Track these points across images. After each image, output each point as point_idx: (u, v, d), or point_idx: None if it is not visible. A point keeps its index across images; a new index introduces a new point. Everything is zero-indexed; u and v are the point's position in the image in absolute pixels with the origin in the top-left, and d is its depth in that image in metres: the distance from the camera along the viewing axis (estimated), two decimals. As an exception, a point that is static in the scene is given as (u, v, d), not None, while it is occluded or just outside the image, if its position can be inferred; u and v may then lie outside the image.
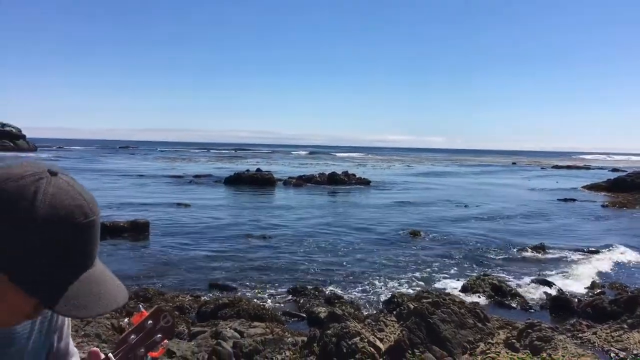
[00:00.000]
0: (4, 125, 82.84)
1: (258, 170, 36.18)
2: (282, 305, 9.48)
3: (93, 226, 1.05)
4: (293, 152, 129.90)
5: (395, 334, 4.51)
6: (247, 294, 9.92)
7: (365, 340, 4.22)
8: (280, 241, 15.14)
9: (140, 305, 1.31)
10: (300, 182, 34.98)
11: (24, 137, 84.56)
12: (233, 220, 18.74)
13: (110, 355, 1.22)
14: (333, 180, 35.49)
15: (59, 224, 0.99)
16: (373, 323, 4.74)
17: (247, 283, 10.71)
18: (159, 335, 1.27)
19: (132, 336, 1.25)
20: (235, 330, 7.18)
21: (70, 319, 1.41)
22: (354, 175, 37.85)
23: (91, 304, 1.04)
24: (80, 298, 1.03)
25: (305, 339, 6.19)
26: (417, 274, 11.81)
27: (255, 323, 7.74)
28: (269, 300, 9.65)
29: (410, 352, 4.11)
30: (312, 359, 4.54)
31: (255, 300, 9.31)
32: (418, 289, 10.25)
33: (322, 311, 8.62)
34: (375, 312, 8.25)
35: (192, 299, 9.48)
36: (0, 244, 0.98)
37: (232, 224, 17.93)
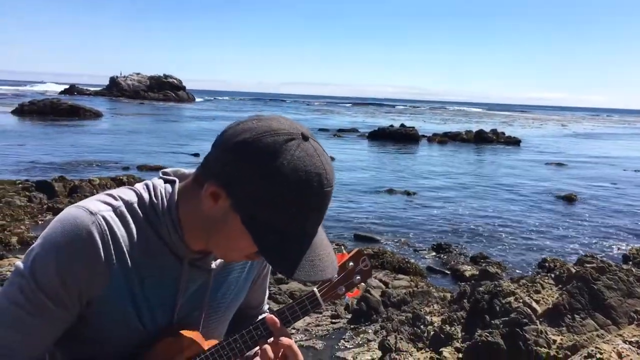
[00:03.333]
0: (167, 76, 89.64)
1: (402, 125, 35.83)
2: (425, 260, 9.44)
3: (327, 196, 1.08)
4: (439, 108, 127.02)
5: (553, 297, 4.31)
6: (390, 246, 10.00)
7: (521, 300, 4.08)
8: (423, 198, 15.00)
9: (342, 247, 1.37)
10: (445, 139, 34.15)
11: (184, 88, 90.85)
12: (376, 175, 18.87)
13: (315, 289, 1.29)
14: (480, 139, 34.16)
15: (295, 187, 1.03)
16: (529, 284, 4.56)
17: (391, 236, 10.78)
18: (357, 277, 1.33)
19: (335, 275, 1.30)
20: (380, 280, 7.32)
21: None
22: (502, 133, 36.09)
23: (305, 270, 1.08)
24: (298, 263, 1.08)
25: (449, 295, 6.14)
26: (571, 239, 11.13)
27: (400, 276, 7.82)
28: (413, 255, 9.65)
29: (570, 316, 3.91)
30: (461, 314, 4.49)
31: (399, 253, 9.36)
32: (573, 254, 9.69)
33: (467, 269, 8.47)
34: (523, 274, 7.94)
35: (336, 248, 9.73)
36: (242, 186, 1.05)
37: (375, 178, 18.06)
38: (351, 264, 1.32)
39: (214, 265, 1.27)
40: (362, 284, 1.34)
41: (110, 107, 55.34)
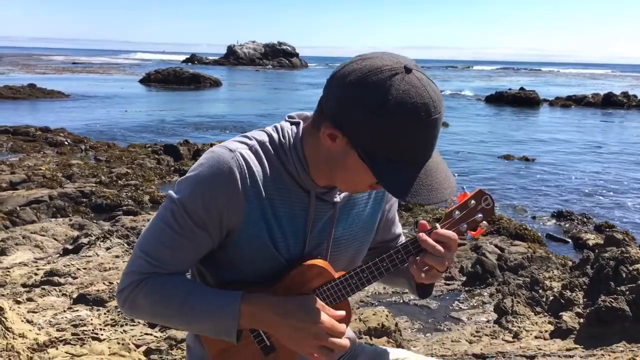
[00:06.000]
0: (280, 44, 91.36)
1: (521, 89, 34.13)
2: (544, 227, 9.09)
3: (435, 124, 1.15)
4: (561, 70, 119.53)
5: (687, 266, 4.04)
6: (507, 213, 9.72)
7: (650, 268, 3.87)
8: (543, 164, 14.33)
9: (463, 186, 1.40)
10: (569, 102, 32.11)
11: (297, 55, 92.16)
12: (493, 139, 18.26)
13: (437, 225, 1.34)
14: (609, 102, 31.66)
15: (404, 119, 1.11)
16: (660, 252, 4.30)
17: (508, 202, 10.46)
18: (479, 215, 1.34)
19: (457, 212, 1.34)
20: (496, 246, 7.16)
21: None
22: (634, 96, 33.25)
23: (422, 194, 1.17)
24: (413, 187, 1.16)
25: (570, 262, 5.91)
26: None
27: (516, 242, 7.59)
28: (531, 222, 9.32)
29: None
30: (583, 280, 4.33)
31: (516, 220, 9.08)
32: None
33: (591, 238, 8.05)
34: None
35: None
36: (356, 125, 1.15)
37: (491, 143, 17.49)
38: (473, 202, 1.34)
39: (338, 198, 1.38)
40: (485, 222, 1.35)
41: (228, 75, 57.47)
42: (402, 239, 1.69)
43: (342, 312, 1.33)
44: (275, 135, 1.34)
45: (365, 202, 1.49)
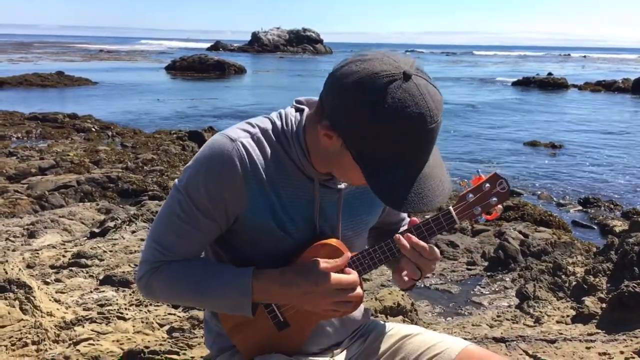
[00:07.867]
0: (305, 30, 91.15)
1: (549, 74, 33.56)
2: (570, 214, 8.99)
3: (431, 133, 1.13)
4: (591, 55, 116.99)
5: None
6: (532, 200, 9.62)
7: (676, 253, 3.81)
8: (570, 151, 14.13)
9: (478, 170, 1.39)
10: (598, 87, 31.49)
11: (321, 41, 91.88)
12: (518, 126, 18.02)
13: (450, 207, 1.34)
14: (639, 88, 30.96)
15: (399, 128, 1.10)
16: (687, 237, 4.22)
17: (533, 189, 10.36)
18: (494, 199, 1.33)
19: (470, 195, 1.34)
20: (520, 232, 7.10)
21: None
22: (666, 81, 32.39)
23: (413, 201, 1.16)
24: (402, 194, 1.16)
25: (595, 248, 5.84)
26: None
27: (541, 228, 7.52)
28: (556, 209, 9.22)
29: None
30: (607, 265, 4.29)
31: (541, 206, 8.99)
32: None
33: (618, 225, 7.94)
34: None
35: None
36: (350, 128, 1.15)
37: (518, 129, 17.28)
38: (487, 185, 1.33)
39: (342, 185, 1.40)
40: (500, 206, 1.34)
41: (253, 62, 57.56)
42: (406, 221, 1.71)
43: (346, 256, 1.34)
44: (278, 123, 1.36)
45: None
